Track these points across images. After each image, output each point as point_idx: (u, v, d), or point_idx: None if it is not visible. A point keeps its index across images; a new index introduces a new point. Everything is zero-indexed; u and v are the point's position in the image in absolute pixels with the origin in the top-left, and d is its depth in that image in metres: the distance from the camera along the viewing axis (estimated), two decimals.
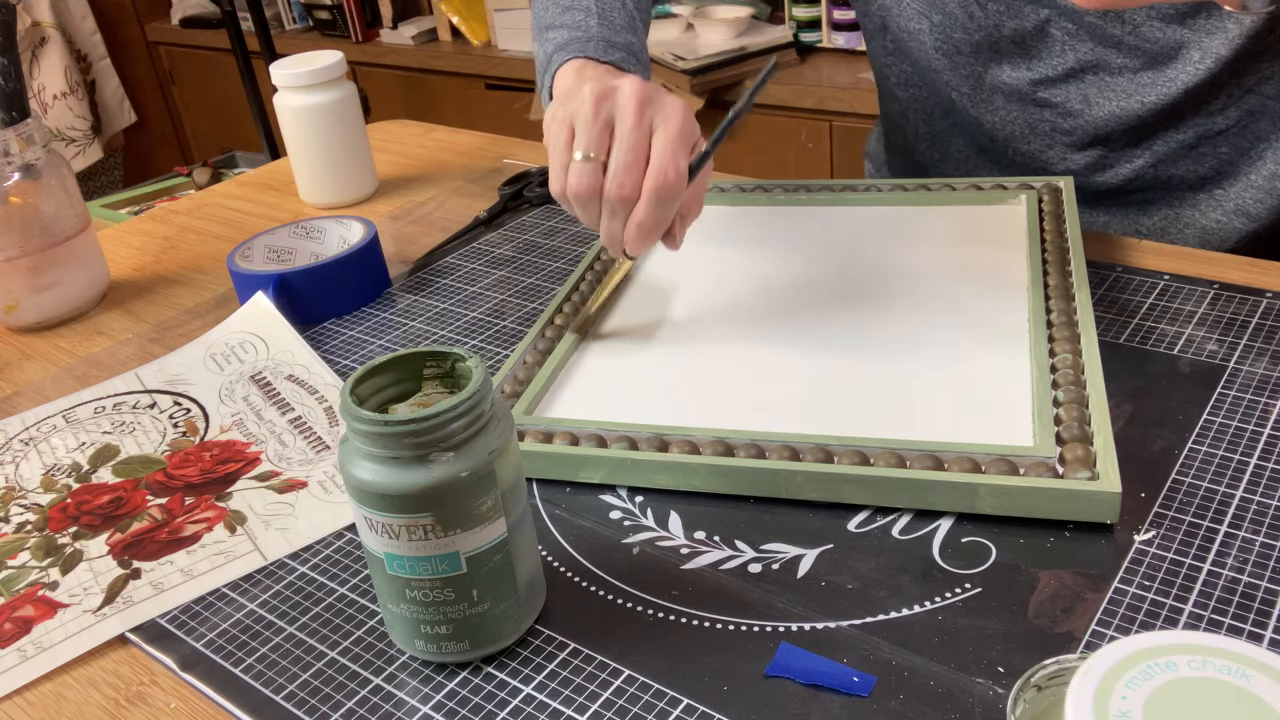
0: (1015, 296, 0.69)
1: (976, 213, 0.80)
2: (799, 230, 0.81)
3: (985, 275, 0.72)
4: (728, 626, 0.48)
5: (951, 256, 0.75)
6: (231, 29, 2.34)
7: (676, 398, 0.63)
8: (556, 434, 0.59)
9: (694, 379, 0.65)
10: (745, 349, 0.67)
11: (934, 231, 0.79)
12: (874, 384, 0.62)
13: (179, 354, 0.77)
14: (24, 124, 0.80)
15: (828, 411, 0.60)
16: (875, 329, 0.68)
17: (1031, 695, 0.36)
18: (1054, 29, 0.80)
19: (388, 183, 1.05)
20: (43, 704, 0.49)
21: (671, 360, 0.67)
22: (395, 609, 0.47)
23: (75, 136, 2.93)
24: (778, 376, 0.64)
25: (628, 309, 0.73)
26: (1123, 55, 0.80)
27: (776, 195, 0.86)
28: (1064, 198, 0.78)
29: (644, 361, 0.67)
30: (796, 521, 0.54)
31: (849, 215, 0.83)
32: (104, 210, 2.39)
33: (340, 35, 2.77)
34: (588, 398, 0.64)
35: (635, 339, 0.70)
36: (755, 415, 0.60)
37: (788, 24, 2.16)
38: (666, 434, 0.58)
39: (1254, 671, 0.32)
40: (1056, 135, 0.85)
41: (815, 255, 0.77)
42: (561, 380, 0.66)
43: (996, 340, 0.65)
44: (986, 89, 0.86)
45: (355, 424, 0.43)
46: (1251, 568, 0.48)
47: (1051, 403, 0.57)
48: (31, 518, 0.61)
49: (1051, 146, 0.86)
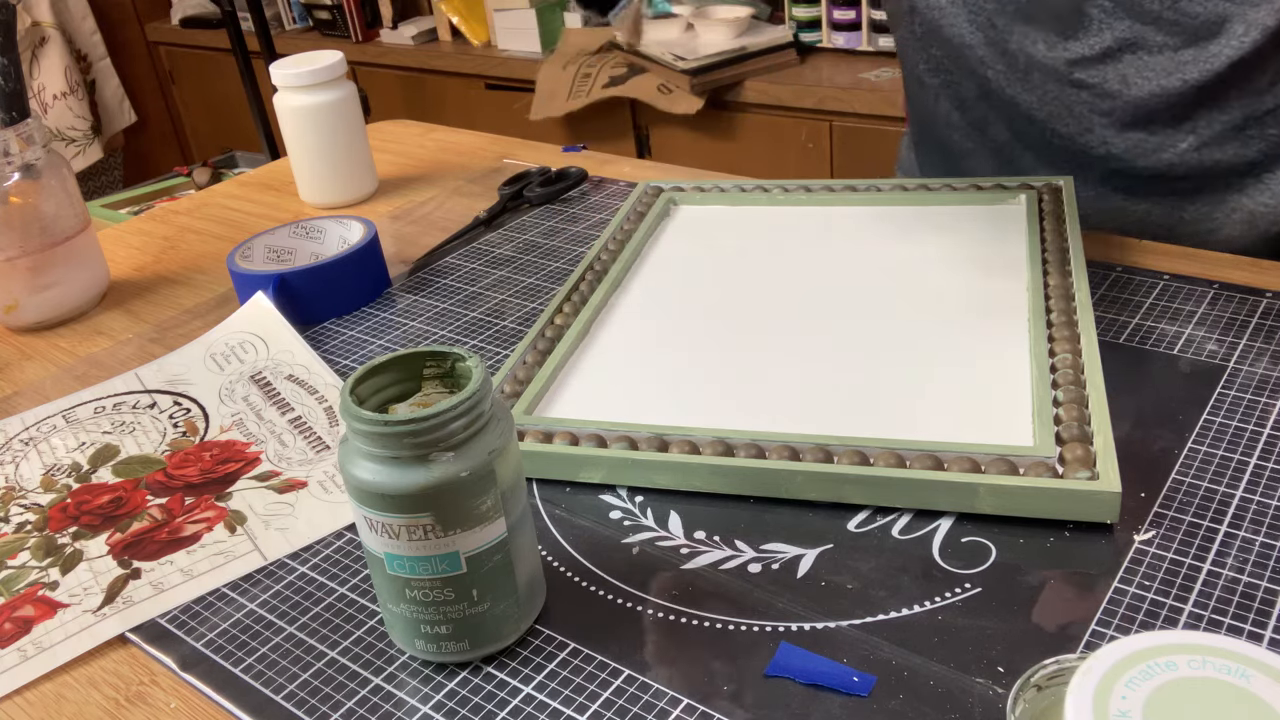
0: (1015, 296, 0.69)
1: (977, 212, 0.80)
2: (799, 230, 0.81)
3: (986, 275, 0.72)
4: (728, 626, 0.48)
5: (952, 256, 0.75)
6: (231, 29, 2.34)
7: (676, 397, 0.63)
8: (556, 434, 0.59)
9: (693, 379, 0.65)
10: (744, 349, 0.67)
11: (934, 231, 0.78)
12: (874, 384, 0.62)
13: (179, 354, 0.77)
14: (24, 124, 0.80)
15: (828, 411, 0.60)
16: (875, 329, 0.68)
17: (1031, 695, 0.36)
18: (1090, 7, 0.78)
19: (388, 183, 1.05)
20: (43, 704, 0.49)
21: (671, 360, 0.67)
22: (395, 609, 0.47)
23: (75, 136, 2.93)
24: (777, 376, 0.64)
25: (628, 309, 0.73)
26: (1162, 32, 0.77)
27: (776, 195, 0.86)
28: (1064, 197, 0.78)
29: (644, 361, 0.67)
30: (796, 521, 0.54)
31: (849, 215, 0.82)
32: (104, 210, 2.39)
33: (340, 35, 2.77)
34: (588, 397, 0.64)
35: (635, 339, 0.70)
36: (755, 415, 0.60)
37: (788, 24, 2.16)
38: (666, 434, 0.58)
39: (1254, 671, 0.32)
40: (1095, 117, 0.83)
41: (815, 255, 0.77)
42: (561, 380, 0.66)
43: (996, 340, 0.65)
44: (1022, 66, 0.84)
45: (355, 424, 0.43)
46: (1251, 568, 0.48)
47: (1051, 402, 0.57)
48: (31, 518, 0.61)
49: (1090, 129, 0.84)
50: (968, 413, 0.59)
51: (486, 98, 2.54)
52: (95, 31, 3.00)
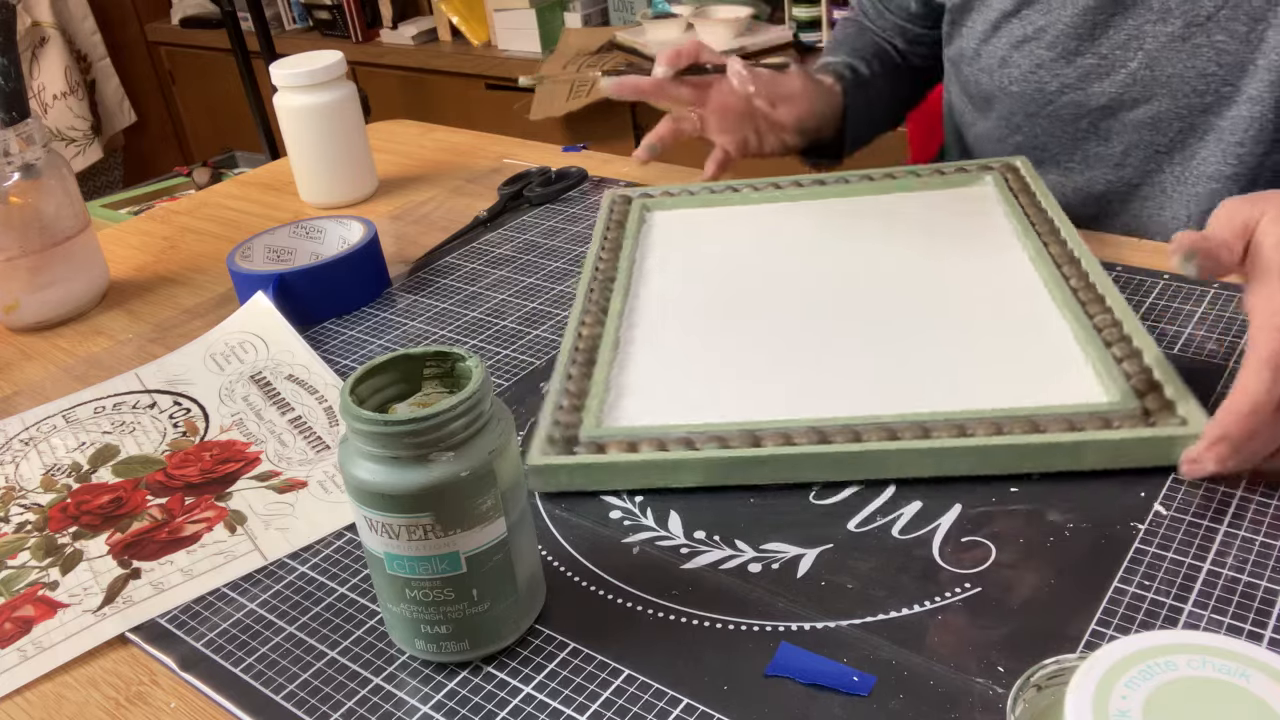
0: (1022, 266, 0.71)
1: (951, 195, 0.82)
2: (784, 227, 0.82)
3: (986, 251, 0.74)
4: (728, 626, 0.48)
5: (944, 236, 0.76)
6: (231, 29, 2.34)
7: (737, 393, 0.62)
8: (641, 442, 0.58)
9: (749, 373, 0.64)
10: (781, 342, 0.67)
11: (915, 217, 0.80)
12: (923, 361, 0.63)
13: (179, 354, 0.77)
14: (24, 124, 0.80)
15: (893, 390, 0.61)
16: (899, 310, 0.69)
17: (1031, 695, 0.36)
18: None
19: (388, 183, 1.05)
20: (43, 704, 0.49)
21: (715, 358, 0.66)
22: (395, 609, 0.47)
23: (75, 136, 2.93)
24: (830, 364, 0.64)
25: (649, 315, 0.72)
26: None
27: (748, 194, 0.86)
28: (1025, 174, 0.80)
29: (689, 363, 0.66)
30: (797, 521, 0.54)
31: (829, 208, 0.84)
32: (104, 210, 2.40)
33: (340, 35, 2.77)
34: (650, 405, 0.62)
35: (670, 342, 0.69)
36: (826, 400, 0.60)
37: (788, 24, 2.16)
38: (756, 429, 0.57)
39: (1254, 671, 0.32)
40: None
41: (810, 248, 0.78)
42: (619, 391, 0.64)
43: (1024, 307, 0.67)
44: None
45: (355, 424, 0.43)
46: (1251, 568, 0.48)
47: (1113, 359, 0.59)
48: (31, 518, 0.61)
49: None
50: (1024, 376, 0.60)
51: (486, 98, 2.53)
52: (95, 31, 3.00)
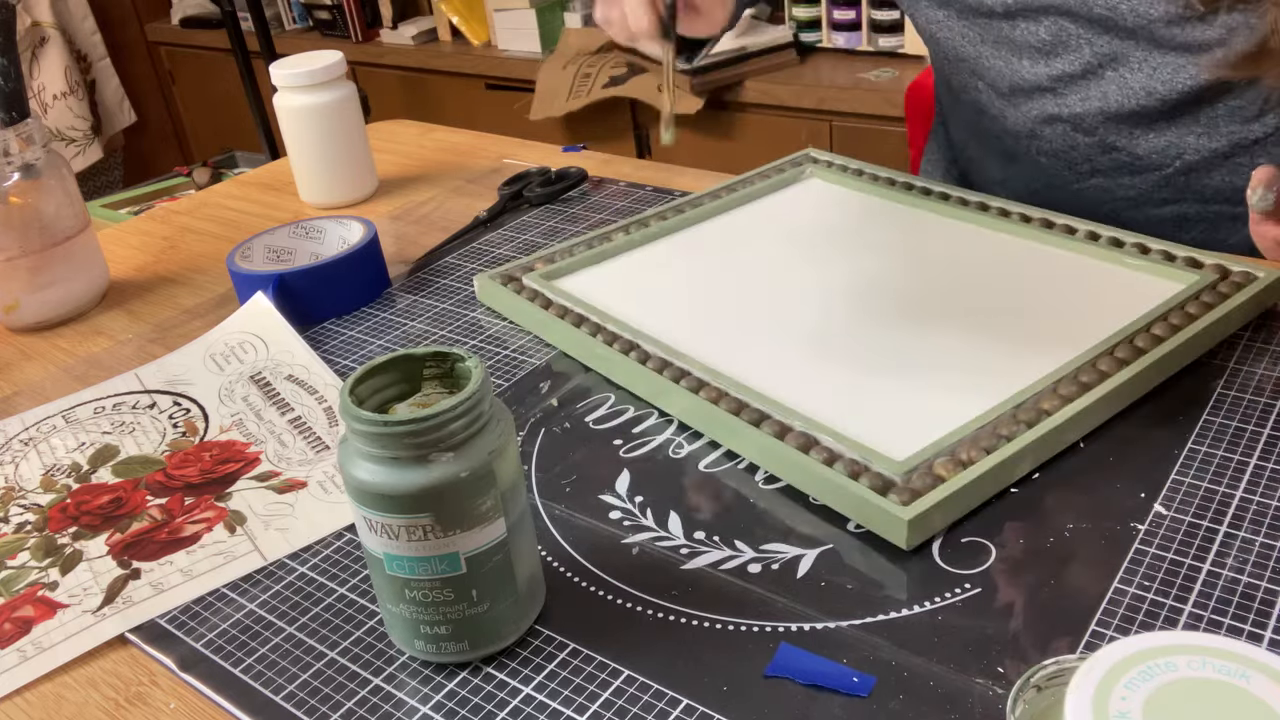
0: (969, 236, 0.74)
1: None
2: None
3: (921, 240, 0.75)
4: (728, 626, 0.48)
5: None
6: (231, 29, 2.34)
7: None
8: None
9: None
10: (802, 316, 0.69)
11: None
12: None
13: (179, 354, 0.77)
14: (24, 124, 0.80)
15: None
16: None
17: (1031, 695, 0.36)
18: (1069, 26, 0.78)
19: (388, 183, 1.05)
20: (43, 704, 0.49)
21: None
22: (395, 609, 0.47)
23: (75, 136, 2.93)
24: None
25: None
26: (1141, 48, 0.77)
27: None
28: (820, 155, 0.85)
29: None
30: (796, 521, 0.54)
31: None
32: (104, 210, 2.39)
33: (340, 35, 2.77)
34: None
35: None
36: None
37: (788, 24, 2.16)
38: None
39: (1254, 672, 0.32)
40: (1079, 136, 0.83)
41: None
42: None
43: (1023, 267, 0.70)
44: (1005, 88, 0.84)
45: (355, 424, 0.43)
46: (1251, 568, 0.48)
47: (1146, 259, 0.68)
48: (31, 518, 0.61)
49: (1074, 146, 0.84)
50: (1095, 312, 0.64)
51: (486, 98, 2.54)
52: (95, 31, 3.00)
